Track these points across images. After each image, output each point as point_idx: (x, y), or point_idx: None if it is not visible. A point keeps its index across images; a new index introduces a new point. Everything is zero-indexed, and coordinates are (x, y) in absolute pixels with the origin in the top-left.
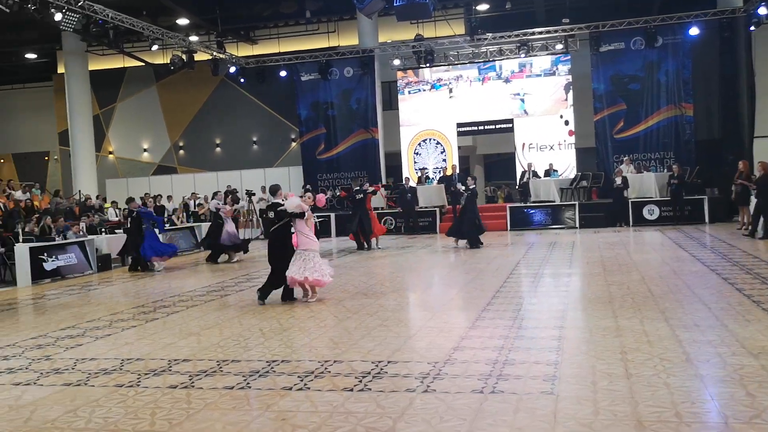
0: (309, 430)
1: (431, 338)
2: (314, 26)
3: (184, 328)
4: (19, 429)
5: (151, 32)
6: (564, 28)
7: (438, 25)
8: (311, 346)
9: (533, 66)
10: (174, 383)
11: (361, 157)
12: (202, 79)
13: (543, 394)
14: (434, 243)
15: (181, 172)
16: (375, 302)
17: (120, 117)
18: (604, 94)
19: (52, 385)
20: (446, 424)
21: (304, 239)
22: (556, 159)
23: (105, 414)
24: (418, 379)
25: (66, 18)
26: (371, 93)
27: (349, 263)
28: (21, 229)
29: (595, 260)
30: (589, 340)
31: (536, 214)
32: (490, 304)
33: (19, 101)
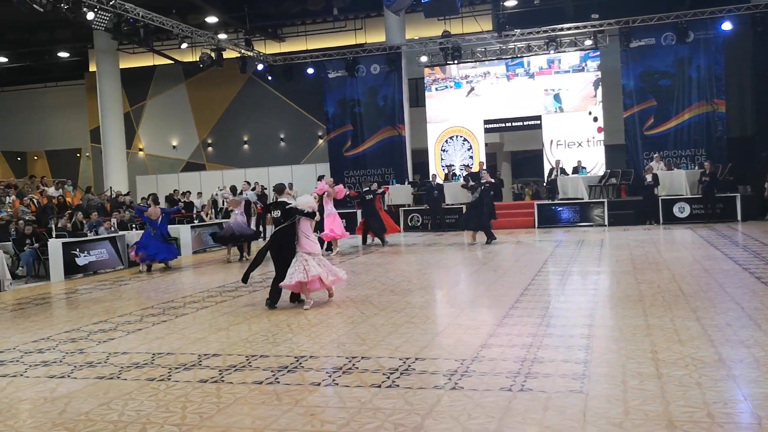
0: (337, 426)
1: (459, 335)
2: (341, 23)
3: (213, 323)
4: (54, 421)
5: (180, 30)
6: (593, 23)
7: (465, 22)
8: (339, 342)
9: (561, 62)
10: (204, 377)
11: (387, 154)
12: (231, 76)
13: (572, 393)
14: (461, 240)
15: (210, 168)
16: (402, 299)
17: (150, 114)
18: (633, 91)
19: (85, 378)
20: (474, 422)
21: (307, 241)
22: (585, 156)
23: (137, 407)
24: (446, 376)
25: (98, 17)
26: (398, 90)
27: (375, 260)
28: (54, 225)
29: (624, 258)
30: (619, 338)
31: (564, 212)
32: (518, 301)
33: (52, 99)
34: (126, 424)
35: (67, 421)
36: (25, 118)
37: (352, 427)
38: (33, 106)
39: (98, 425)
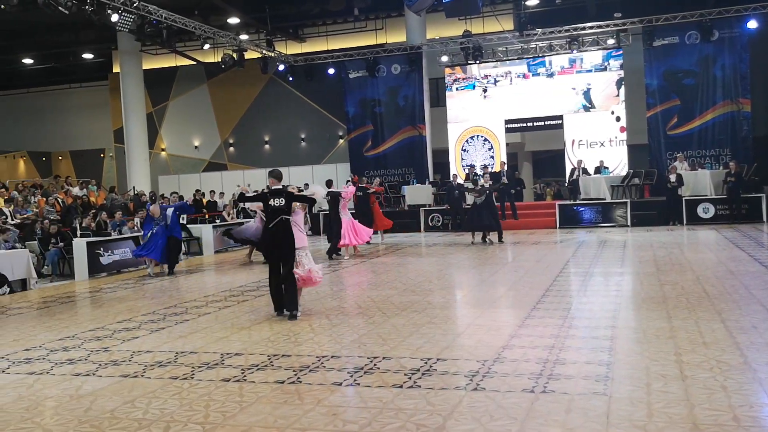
0: (359, 426)
1: (480, 336)
2: (362, 23)
3: (235, 322)
4: (80, 418)
5: (202, 32)
6: (616, 22)
7: (486, 21)
8: (360, 342)
9: (584, 61)
10: (227, 377)
11: (408, 154)
12: (252, 77)
13: (595, 395)
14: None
15: (231, 168)
16: (423, 299)
17: (172, 115)
18: (657, 90)
19: (110, 376)
20: (497, 423)
21: (300, 234)
22: (607, 156)
23: (161, 405)
24: (467, 377)
25: (122, 19)
26: (419, 90)
27: (395, 260)
28: (78, 224)
29: (647, 259)
30: (642, 340)
31: (586, 212)
32: (540, 302)
33: (77, 100)
34: (150, 422)
35: (92, 418)
36: (50, 119)
37: (374, 427)
38: (58, 107)
39: (123, 423)
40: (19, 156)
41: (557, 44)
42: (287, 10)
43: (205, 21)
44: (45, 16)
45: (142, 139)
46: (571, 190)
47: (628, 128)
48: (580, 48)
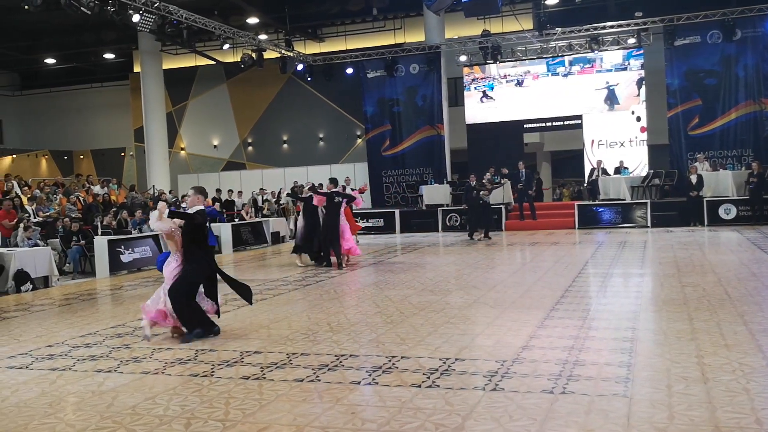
0: (378, 425)
1: (499, 336)
2: (381, 23)
3: (254, 320)
4: (102, 414)
5: (222, 32)
6: (637, 21)
7: (505, 21)
8: (378, 341)
9: (604, 61)
10: (246, 374)
11: (426, 153)
12: (271, 76)
13: (616, 396)
14: (500, 240)
15: (250, 168)
16: (441, 299)
17: (191, 114)
18: (678, 90)
19: (131, 372)
20: (516, 423)
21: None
22: (627, 156)
23: (182, 402)
24: (486, 377)
25: (143, 19)
26: (437, 89)
27: (413, 260)
28: (99, 222)
29: (668, 260)
30: (663, 342)
31: (606, 213)
32: (559, 303)
33: (98, 100)
34: (171, 419)
35: (114, 414)
36: (72, 118)
37: (393, 426)
38: (79, 107)
39: (144, 419)
40: (41, 155)
41: (577, 44)
42: (306, 10)
43: (225, 21)
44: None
45: (162, 139)
46: (590, 191)
47: (649, 128)
48: (601, 47)
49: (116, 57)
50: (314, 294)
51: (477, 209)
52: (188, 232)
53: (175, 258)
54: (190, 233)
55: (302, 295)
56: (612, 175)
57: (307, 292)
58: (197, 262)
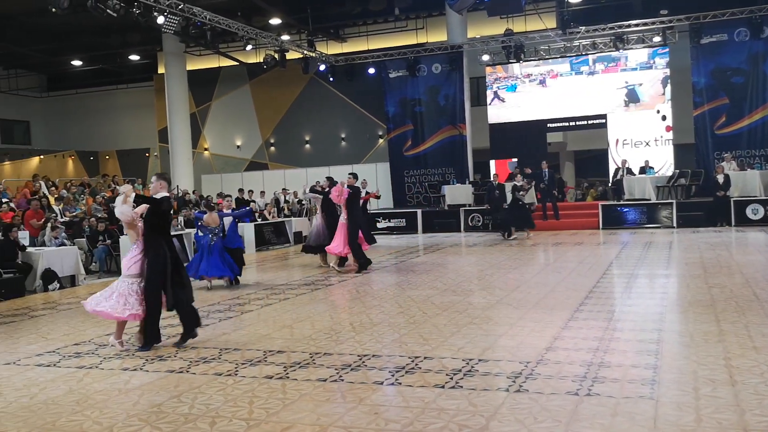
0: (401, 425)
1: (522, 337)
2: (403, 23)
3: (277, 320)
4: (128, 412)
5: (245, 33)
6: (662, 19)
7: (528, 19)
8: (401, 341)
9: (629, 59)
10: (270, 374)
11: (448, 153)
12: (293, 77)
13: (642, 399)
14: (523, 240)
15: (272, 168)
16: (464, 299)
17: (215, 115)
18: (704, 88)
19: (156, 371)
20: (540, 425)
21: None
22: (653, 155)
23: (206, 401)
24: (510, 378)
25: (167, 20)
26: (459, 89)
27: (435, 260)
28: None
29: (694, 261)
30: (690, 344)
31: (630, 213)
32: (583, 304)
33: (123, 100)
34: (196, 417)
35: (140, 412)
36: (98, 119)
37: (416, 426)
38: (105, 107)
39: (170, 417)
40: (68, 155)
41: (601, 42)
42: (328, 11)
43: (248, 22)
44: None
45: (186, 139)
46: (615, 191)
47: (675, 127)
48: (625, 46)
49: (141, 58)
50: (337, 294)
51: (514, 209)
52: (150, 219)
53: (136, 247)
54: (152, 220)
55: (324, 295)
56: (637, 175)
57: (330, 292)
58: (158, 252)
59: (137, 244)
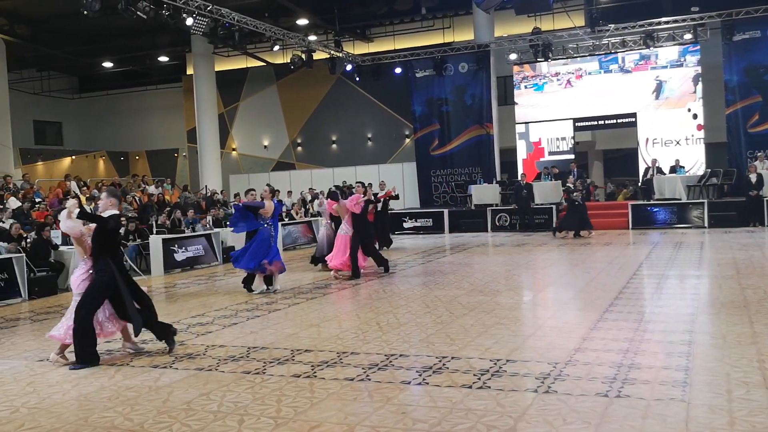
0: (429, 425)
1: (551, 338)
2: (429, 22)
3: (305, 319)
4: (158, 409)
5: (272, 33)
6: (693, 16)
7: (556, 17)
8: (428, 341)
9: (659, 57)
10: (297, 372)
11: (475, 153)
12: (320, 77)
13: (673, 401)
14: (550, 241)
15: (299, 168)
16: (491, 300)
17: (243, 115)
18: (737, 86)
19: (185, 369)
20: (569, 427)
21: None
22: (683, 155)
23: (235, 399)
24: (538, 379)
25: (196, 22)
26: (486, 88)
27: (462, 260)
28: (154, 221)
29: (726, 262)
30: (722, 346)
31: (660, 213)
32: (613, 305)
33: (153, 101)
34: (225, 415)
35: (170, 409)
36: (128, 120)
37: (444, 426)
38: (135, 109)
39: (199, 414)
40: (99, 156)
41: (631, 40)
42: (355, 11)
43: (275, 23)
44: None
45: (214, 139)
46: (645, 190)
47: (706, 126)
48: (655, 43)
49: (170, 60)
50: (363, 293)
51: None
52: (97, 237)
53: (84, 264)
54: (100, 239)
55: (351, 295)
56: (667, 174)
57: (356, 291)
58: (105, 273)
59: (86, 261)
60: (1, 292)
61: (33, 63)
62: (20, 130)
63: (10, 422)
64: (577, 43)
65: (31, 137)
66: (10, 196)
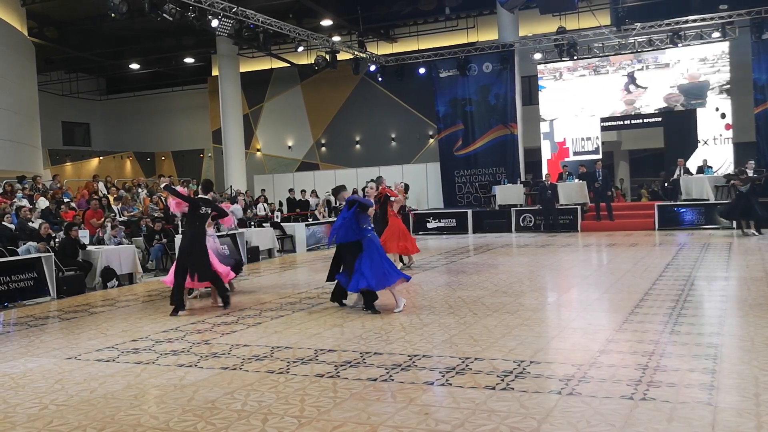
0: (452, 426)
1: (575, 340)
2: (453, 22)
3: (328, 319)
4: (183, 407)
5: (296, 34)
6: (721, 14)
7: (582, 16)
8: (451, 342)
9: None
10: (321, 372)
11: (499, 153)
12: (343, 77)
13: (700, 404)
14: (575, 241)
15: (323, 168)
16: (515, 301)
17: (267, 116)
18: (766, 85)
19: (210, 368)
20: (594, 429)
21: None
22: (711, 154)
23: (259, 398)
24: (562, 381)
25: (221, 24)
26: (510, 88)
27: (486, 260)
28: (180, 221)
29: (755, 263)
30: (750, 349)
31: (687, 213)
32: (638, 306)
33: (178, 103)
34: (249, 414)
35: (195, 408)
36: (154, 121)
37: (467, 428)
38: (161, 110)
39: (224, 413)
40: (126, 156)
41: (657, 39)
42: (379, 11)
43: (299, 24)
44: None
45: (239, 140)
46: (672, 191)
47: (735, 125)
48: (683, 42)
49: (196, 61)
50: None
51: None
52: None
53: None
54: None
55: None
56: (695, 174)
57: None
58: None
59: None
60: (31, 290)
61: (61, 65)
62: (49, 132)
63: (39, 419)
64: (602, 42)
65: (60, 138)
66: (40, 197)
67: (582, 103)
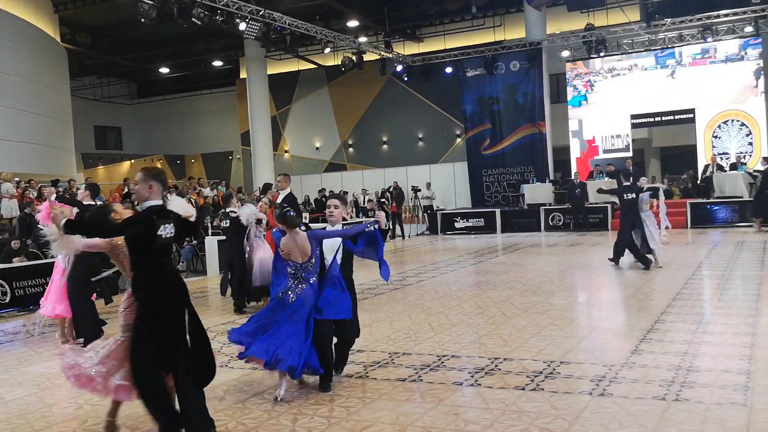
0: (481, 427)
1: (605, 340)
2: (480, 21)
3: None
4: (215, 407)
5: (323, 36)
6: (754, 8)
7: (610, 13)
8: (480, 342)
9: (717, 51)
10: (350, 372)
11: (527, 151)
12: (370, 78)
13: (734, 405)
14: (605, 240)
15: (351, 169)
16: (544, 300)
17: (294, 117)
18: None
19: (240, 368)
20: (625, 430)
21: None
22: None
23: (288, 398)
24: (593, 381)
25: (249, 27)
26: (538, 86)
27: (515, 260)
28: (209, 223)
29: None
30: None
31: (720, 211)
32: (671, 306)
33: (207, 105)
34: (279, 414)
35: (226, 408)
36: (184, 124)
37: (496, 428)
38: (190, 112)
39: (254, 413)
40: (156, 159)
41: (688, 34)
42: (405, 11)
43: (326, 25)
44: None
45: (267, 141)
46: (704, 188)
47: None
48: (714, 37)
49: (224, 64)
50: (415, 294)
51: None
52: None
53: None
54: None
55: (403, 296)
56: (728, 171)
57: (408, 292)
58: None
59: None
60: None
61: (93, 70)
62: (82, 136)
63: (75, 418)
64: (632, 39)
65: (92, 142)
66: None
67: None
